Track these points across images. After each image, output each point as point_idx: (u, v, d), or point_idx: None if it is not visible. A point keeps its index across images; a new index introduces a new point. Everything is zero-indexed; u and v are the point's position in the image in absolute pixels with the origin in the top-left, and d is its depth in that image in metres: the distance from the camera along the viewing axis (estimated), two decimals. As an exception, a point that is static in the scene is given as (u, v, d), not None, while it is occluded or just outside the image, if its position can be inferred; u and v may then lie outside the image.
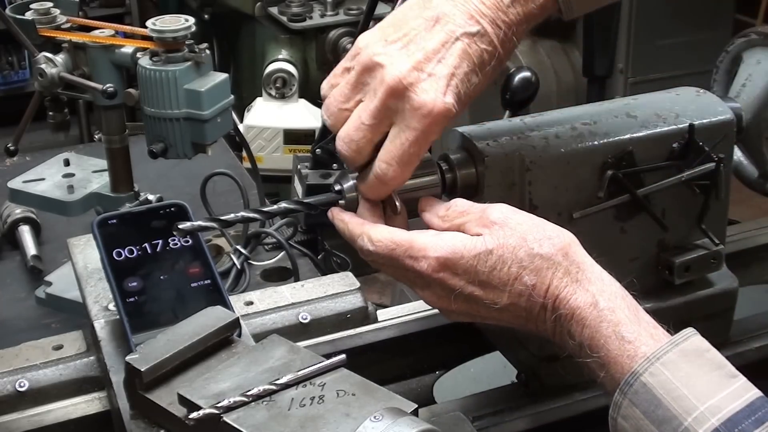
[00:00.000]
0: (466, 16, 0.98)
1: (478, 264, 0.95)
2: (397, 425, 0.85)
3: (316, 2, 3.74)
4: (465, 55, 0.98)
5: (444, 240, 0.97)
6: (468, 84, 0.99)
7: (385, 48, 1.00)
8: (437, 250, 0.96)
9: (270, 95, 3.59)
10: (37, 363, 1.18)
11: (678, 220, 1.21)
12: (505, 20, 0.99)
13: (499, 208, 0.99)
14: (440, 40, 0.98)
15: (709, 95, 1.26)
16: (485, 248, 0.95)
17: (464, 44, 0.98)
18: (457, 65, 0.98)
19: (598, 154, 1.15)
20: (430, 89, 0.97)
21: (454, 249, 0.96)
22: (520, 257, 0.94)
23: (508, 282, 0.94)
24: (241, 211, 1.09)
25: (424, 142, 0.99)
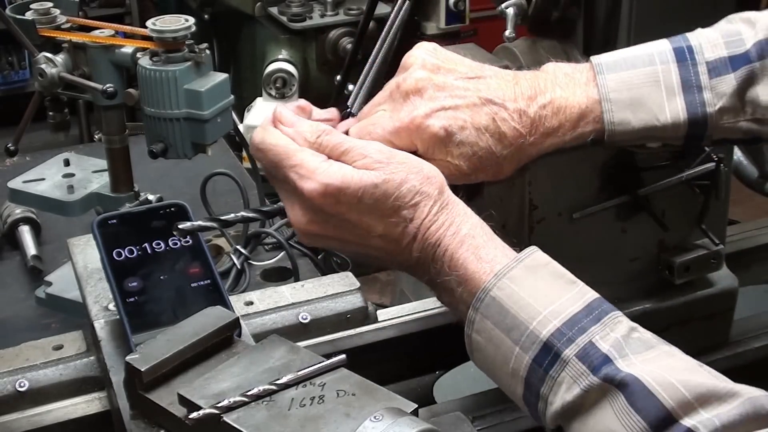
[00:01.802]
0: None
1: (363, 196, 0.99)
2: (397, 425, 0.85)
3: (316, 2, 3.74)
4: (481, 112, 1.06)
5: (333, 168, 1.01)
6: (466, 132, 1.05)
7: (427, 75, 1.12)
8: (327, 176, 1.00)
9: (270, 95, 3.59)
10: (37, 363, 1.18)
11: (678, 220, 1.21)
12: (534, 115, 1.06)
13: (376, 145, 1.03)
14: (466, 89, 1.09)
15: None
16: (371, 182, 0.99)
17: (487, 108, 1.06)
18: (461, 107, 1.07)
19: (598, 154, 1.15)
20: (421, 105, 1.06)
21: (343, 179, 0.99)
22: (402, 193, 0.99)
23: (387, 214, 0.99)
24: (241, 211, 1.09)
25: (390, 135, 1.08)
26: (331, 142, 1.03)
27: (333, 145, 1.03)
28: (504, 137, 1.04)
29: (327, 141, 1.03)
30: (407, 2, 2.55)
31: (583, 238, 1.16)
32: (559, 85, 1.07)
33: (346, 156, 1.01)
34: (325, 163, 1.01)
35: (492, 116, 1.05)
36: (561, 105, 1.05)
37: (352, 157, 1.01)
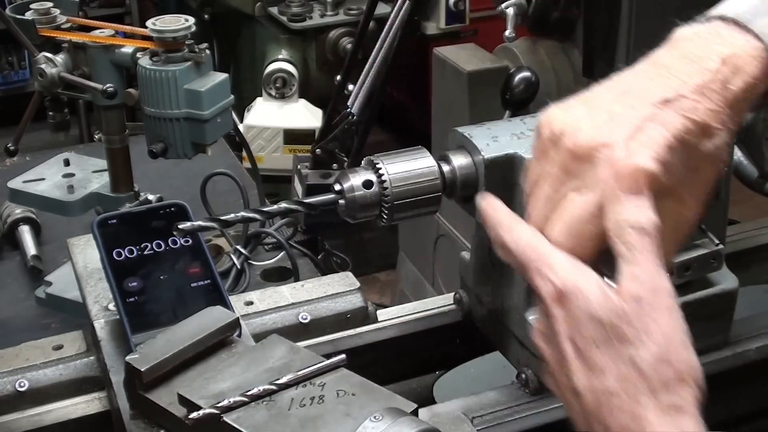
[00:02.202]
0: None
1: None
2: (397, 425, 0.85)
3: (316, 2, 3.75)
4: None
5: (584, 274, 0.79)
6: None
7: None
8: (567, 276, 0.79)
9: (270, 95, 3.60)
10: (37, 363, 1.18)
11: (678, 220, 1.21)
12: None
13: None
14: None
15: (709, 95, 1.26)
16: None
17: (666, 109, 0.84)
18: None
19: (598, 154, 1.15)
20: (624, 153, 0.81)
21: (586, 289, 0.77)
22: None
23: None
24: (241, 211, 1.09)
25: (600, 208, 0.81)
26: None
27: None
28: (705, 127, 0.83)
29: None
30: (407, 2, 2.56)
31: (583, 238, 1.16)
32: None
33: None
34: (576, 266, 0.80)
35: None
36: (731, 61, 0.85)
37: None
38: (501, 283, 1.18)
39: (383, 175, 1.07)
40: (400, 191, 1.07)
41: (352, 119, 2.67)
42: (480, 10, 3.86)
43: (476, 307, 1.27)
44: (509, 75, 1.57)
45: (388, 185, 1.07)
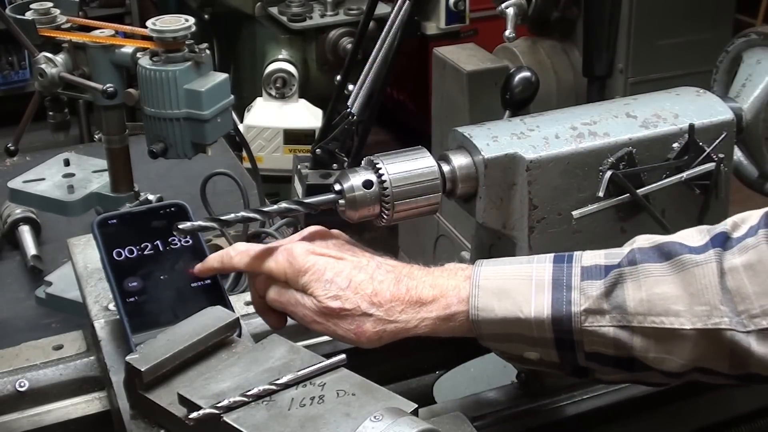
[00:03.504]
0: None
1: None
2: (397, 425, 0.85)
3: (316, 2, 3.74)
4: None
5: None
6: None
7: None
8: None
9: (270, 95, 3.59)
10: (37, 363, 1.18)
11: (678, 220, 1.21)
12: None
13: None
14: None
15: (709, 95, 1.26)
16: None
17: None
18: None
19: (597, 154, 1.15)
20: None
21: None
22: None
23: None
24: (241, 211, 1.09)
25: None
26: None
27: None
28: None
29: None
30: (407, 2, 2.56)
31: (583, 238, 1.16)
32: (436, 274, 1.07)
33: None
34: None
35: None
36: (432, 284, 1.05)
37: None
38: (501, 283, 1.18)
39: (383, 175, 1.07)
40: (400, 191, 1.07)
41: (352, 119, 2.67)
42: (480, 10, 3.86)
43: (476, 307, 1.26)
44: (509, 75, 1.57)
45: (388, 185, 1.07)
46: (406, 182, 1.08)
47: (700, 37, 2.61)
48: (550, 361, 1.01)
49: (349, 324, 1.03)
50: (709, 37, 2.58)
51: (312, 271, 1.05)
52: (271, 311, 1.11)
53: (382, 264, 1.07)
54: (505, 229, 1.15)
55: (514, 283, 1.01)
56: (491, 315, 1.01)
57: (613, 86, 2.61)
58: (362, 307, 1.03)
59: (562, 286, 0.99)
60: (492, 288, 1.02)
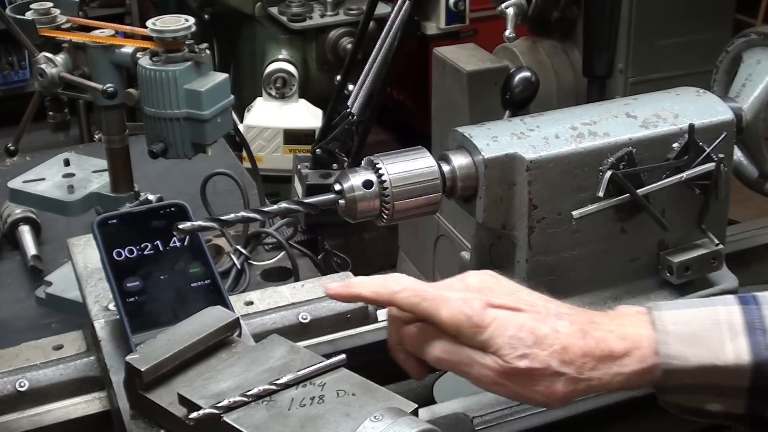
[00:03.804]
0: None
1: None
2: (397, 425, 0.85)
3: (316, 2, 3.75)
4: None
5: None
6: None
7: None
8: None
9: (270, 95, 3.60)
10: (37, 363, 1.18)
11: (678, 220, 1.21)
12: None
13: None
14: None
15: (709, 95, 1.26)
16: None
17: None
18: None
19: (597, 154, 1.15)
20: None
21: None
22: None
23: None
24: (241, 211, 1.09)
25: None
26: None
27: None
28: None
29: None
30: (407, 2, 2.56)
31: (583, 238, 1.16)
32: (619, 322, 0.98)
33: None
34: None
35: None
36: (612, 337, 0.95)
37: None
38: (501, 283, 1.18)
39: (383, 175, 1.07)
40: (400, 191, 1.07)
41: (352, 119, 2.67)
42: (480, 10, 3.86)
43: (476, 307, 1.26)
44: (509, 75, 1.57)
45: (388, 185, 1.07)
46: (406, 182, 1.08)
47: (700, 37, 2.61)
48: (733, 412, 0.94)
49: (538, 385, 0.93)
50: (709, 37, 2.58)
51: (494, 326, 0.94)
52: (414, 359, 1.01)
53: (561, 313, 0.97)
54: (505, 229, 1.15)
55: (705, 328, 0.93)
56: (685, 363, 0.93)
57: (613, 86, 2.62)
58: (553, 366, 0.93)
59: (756, 330, 0.92)
60: (682, 334, 0.94)
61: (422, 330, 0.98)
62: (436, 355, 0.97)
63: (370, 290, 1.00)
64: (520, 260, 1.15)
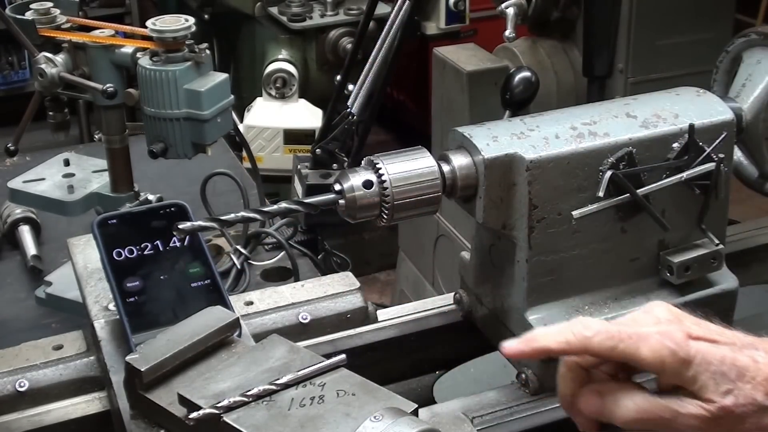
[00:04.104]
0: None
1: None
2: (397, 425, 0.85)
3: (316, 2, 3.75)
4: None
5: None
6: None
7: None
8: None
9: (270, 95, 3.60)
10: (37, 363, 1.18)
11: (678, 220, 1.21)
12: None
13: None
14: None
15: (709, 95, 1.26)
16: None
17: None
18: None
19: (597, 154, 1.15)
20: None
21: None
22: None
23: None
24: (241, 211, 1.09)
25: None
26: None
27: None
28: None
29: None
30: (407, 2, 2.56)
31: (583, 238, 1.16)
32: None
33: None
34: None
35: None
36: None
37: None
38: (501, 283, 1.18)
39: (383, 175, 1.07)
40: (400, 191, 1.07)
41: (352, 119, 2.67)
42: (480, 10, 3.87)
43: (476, 307, 1.27)
44: (509, 75, 1.57)
45: (388, 185, 1.07)
46: (406, 182, 1.08)
47: (700, 37, 2.61)
48: None
49: (745, 423, 0.87)
50: (709, 37, 2.58)
51: (698, 359, 0.87)
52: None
53: (754, 342, 0.90)
54: (505, 229, 1.15)
55: None
56: None
57: (613, 86, 2.62)
58: (758, 399, 0.86)
59: None
60: None
61: (607, 390, 0.92)
62: (630, 416, 0.89)
63: (558, 341, 0.91)
64: (520, 260, 1.15)
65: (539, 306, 1.15)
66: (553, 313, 1.15)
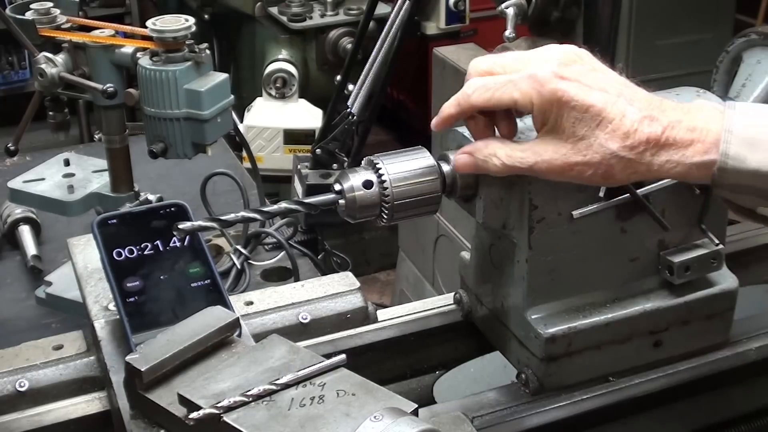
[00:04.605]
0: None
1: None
2: (397, 425, 0.85)
3: (316, 2, 3.75)
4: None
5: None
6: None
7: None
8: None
9: (270, 95, 3.60)
10: (37, 363, 1.18)
11: (678, 220, 1.21)
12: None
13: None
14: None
15: (709, 95, 1.26)
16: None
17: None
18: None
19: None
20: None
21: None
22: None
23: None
24: (241, 211, 1.09)
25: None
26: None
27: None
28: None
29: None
30: (407, 2, 2.56)
31: (583, 238, 1.16)
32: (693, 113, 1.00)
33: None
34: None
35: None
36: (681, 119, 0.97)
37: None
38: (501, 283, 1.18)
39: (383, 175, 1.07)
40: (400, 191, 1.07)
41: (352, 119, 2.67)
42: (480, 10, 3.87)
43: (476, 307, 1.27)
44: (509, 75, 1.56)
45: (388, 185, 1.07)
46: (406, 182, 1.08)
47: (700, 37, 2.62)
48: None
49: (598, 168, 0.97)
50: (709, 37, 2.59)
51: (562, 102, 0.96)
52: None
53: (633, 99, 0.98)
54: (505, 229, 1.15)
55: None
56: (741, 165, 0.95)
57: (613, 86, 2.62)
58: (612, 149, 0.96)
59: None
60: (746, 137, 0.95)
61: (474, 149, 1.03)
62: (499, 168, 1.01)
63: (453, 107, 1.04)
64: (520, 260, 1.15)
65: (539, 306, 1.15)
66: (553, 313, 1.15)
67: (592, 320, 1.15)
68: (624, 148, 0.95)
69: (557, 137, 0.98)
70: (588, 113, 0.95)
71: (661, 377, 1.19)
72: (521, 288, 1.14)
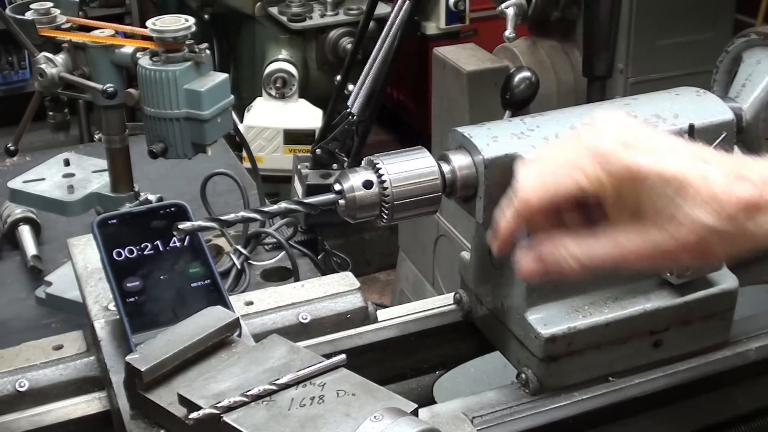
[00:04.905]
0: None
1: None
2: (397, 425, 0.85)
3: (316, 2, 3.75)
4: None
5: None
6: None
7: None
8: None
9: (270, 95, 3.60)
10: (37, 363, 1.18)
11: (678, 220, 1.21)
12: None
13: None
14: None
15: (709, 95, 1.26)
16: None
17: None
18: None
19: (598, 154, 1.15)
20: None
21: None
22: None
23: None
24: (241, 211, 1.09)
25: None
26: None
27: None
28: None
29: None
30: (407, 2, 2.56)
31: (583, 238, 1.16)
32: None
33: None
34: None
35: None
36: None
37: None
38: (501, 283, 1.18)
39: (383, 175, 1.07)
40: (400, 191, 1.07)
41: (352, 119, 2.67)
42: (480, 10, 3.87)
43: (476, 307, 1.27)
44: (509, 75, 1.57)
45: (388, 185, 1.07)
46: (406, 182, 1.08)
47: (700, 37, 2.62)
48: None
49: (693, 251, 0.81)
50: (709, 37, 2.59)
51: (633, 177, 0.81)
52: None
53: (706, 156, 0.84)
54: (505, 229, 1.15)
55: None
56: None
57: (613, 86, 2.62)
58: (702, 220, 0.80)
59: None
60: None
61: (545, 254, 0.88)
62: (578, 271, 0.86)
63: (510, 221, 0.91)
64: (520, 260, 1.15)
65: (539, 306, 1.15)
66: (553, 313, 1.15)
67: (592, 320, 1.15)
68: (720, 220, 0.80)
69: (638, 220, 0.83)
70: (670, 185, 0.81)
71: (661, 377, 1.19)
72: (521, 288, 1.14)
